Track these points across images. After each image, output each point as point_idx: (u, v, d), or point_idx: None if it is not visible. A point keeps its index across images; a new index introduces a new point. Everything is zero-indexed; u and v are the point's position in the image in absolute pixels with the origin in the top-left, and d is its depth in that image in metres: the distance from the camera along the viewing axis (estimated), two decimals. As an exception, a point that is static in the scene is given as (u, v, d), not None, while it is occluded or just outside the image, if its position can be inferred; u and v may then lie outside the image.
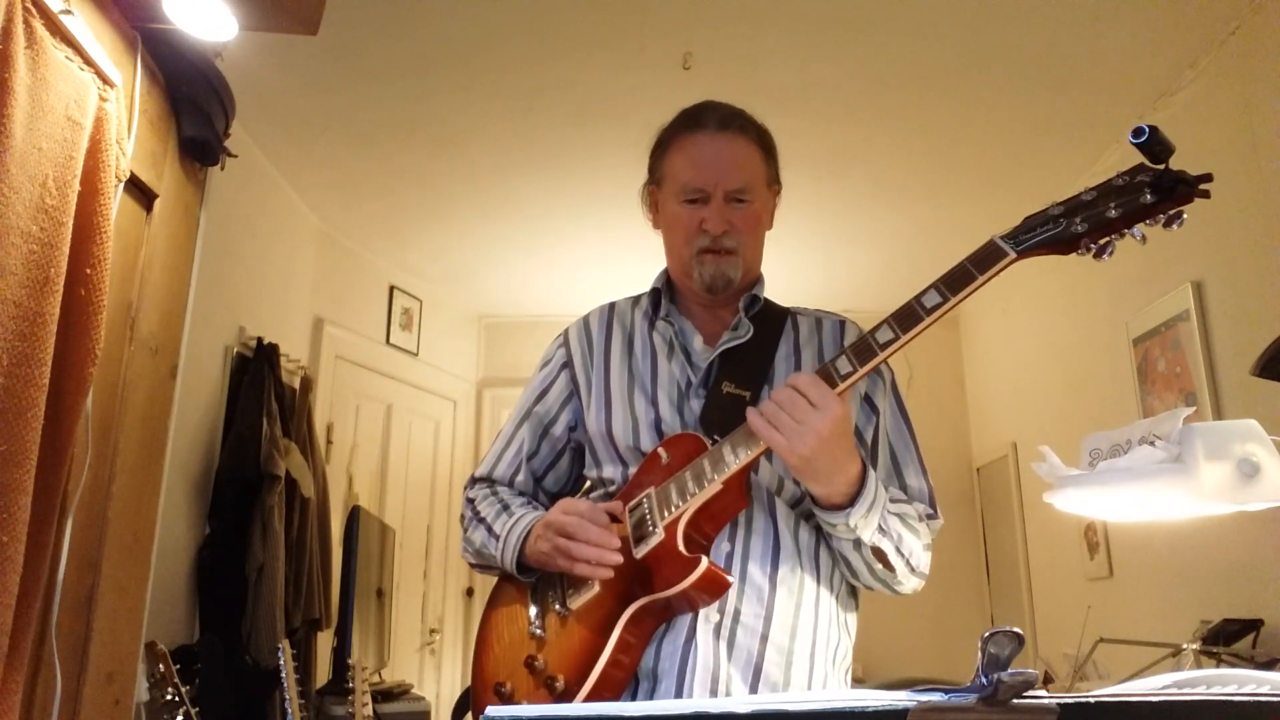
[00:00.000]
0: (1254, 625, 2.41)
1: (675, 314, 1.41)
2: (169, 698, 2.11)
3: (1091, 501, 1.05)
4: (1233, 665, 2.30)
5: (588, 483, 1.43)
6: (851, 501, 1.15)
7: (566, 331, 1.49)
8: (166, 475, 1.91)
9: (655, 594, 1.17)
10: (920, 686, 0.56)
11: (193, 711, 2.14)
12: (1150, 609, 3.06)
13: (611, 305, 1.49)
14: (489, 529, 1.36)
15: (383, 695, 3.08)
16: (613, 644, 1.17)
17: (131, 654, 1.79)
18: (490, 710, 0.55)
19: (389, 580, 3.84)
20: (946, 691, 0.54)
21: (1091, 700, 0.55)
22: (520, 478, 1.44)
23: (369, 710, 2.62)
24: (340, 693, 2.80)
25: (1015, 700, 0.53)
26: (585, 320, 1.49)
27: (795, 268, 4.28)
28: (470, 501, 1.45)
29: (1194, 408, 2.46)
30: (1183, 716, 0.56)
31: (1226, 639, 2.39)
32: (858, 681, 3.97)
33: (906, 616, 4.29)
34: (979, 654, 0.53)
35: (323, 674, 3.36)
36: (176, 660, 2.20)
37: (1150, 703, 0.55)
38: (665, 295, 1.42)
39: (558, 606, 1.26)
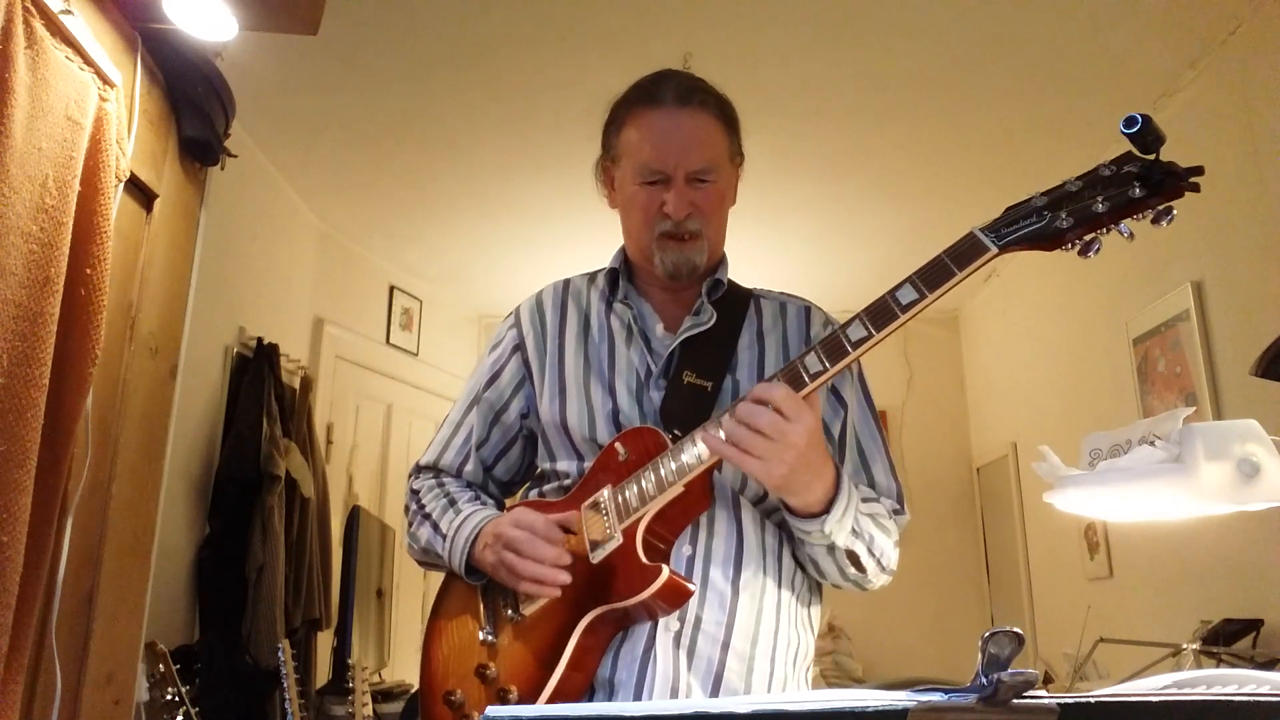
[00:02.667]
0: (1254, 625, 2.41)
1: (634, 295, 1.33)
2: (169, 698, 2.11)
3: (1091, 501, 1.05)
4: (1233, 665, 2.30)
5: (539, 470, 1.35)
6: (827, 508, 1.10)
7: (518, 311, 1.41)
8: (166, 475, 1.91)
9: (613, 603, 1.10)
10: (920, 686, 0.56)
11: (193, 711, 2.14)
12: (1150, 609, 3.06)
13: (566, 282, 1.41)
14: (435, 526, 1.29)
15: (383, 695, 3.08)
16: (568, 654, 1.10)
17: (131, 654, 1.79)
18: (490, 710, 0.55)
19: (389, 580, 3.84)
20: (946, 691, 0.54)
21: (1091, 700, 0.55)
22: (469, 467, 1.36)
23: (369, 710, 2.62)
24: (340, 693, 2.80)
25: (1015, 700, 0.53)
26: (538, 298, 1.41)
27: (795, 267, 4.28)
28: (415, 493, 1.36)
29: (1194, 408, 2.45)
30: (1183, 716, 0.56)
31: (1226, 639, 2.39)
32: (857, 681, 3.97)
33: (906, 616, 4.29)
34: (979, 654, 0.53)
35: (323, 674, 3.36)
36: (176, 660, 2.20)
37: (1150, 703, 0.55)
38: (623, 275, 1.34)
39: (510, 612, 1.20)
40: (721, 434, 1.08)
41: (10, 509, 1.28)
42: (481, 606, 1.24)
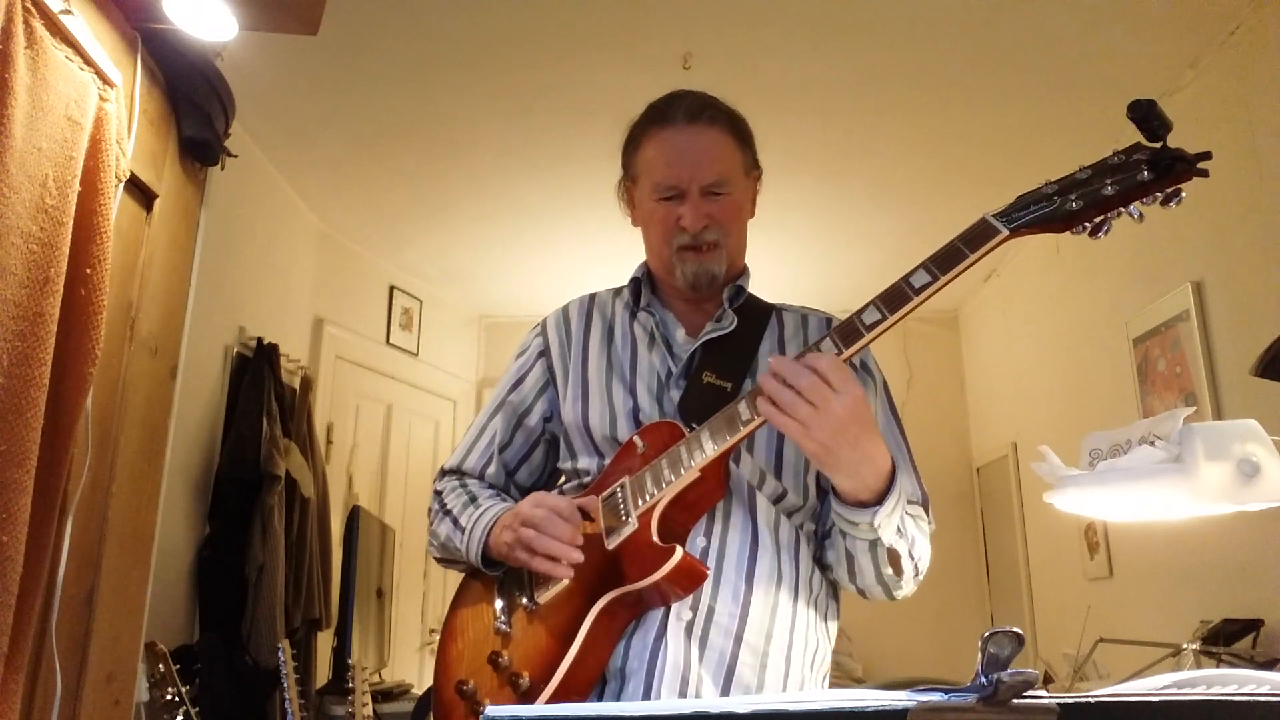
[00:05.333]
0: (1254, 625, 2.41)
1: (657, 305, 1.37)
2: (169, 698, 2.11)
3: (1091, 501, 1.05)
4: (1233, 665, 2.30)
5: (562, 476, 1.38)
6: (880, 499, 1.09)
7: (544, 321, 1.45)
8: (166, 475, 1.91)
9: (627, 586, 1.12)
10: (920, 686, 0.56)
11: (193, 711, 2.14)
12: (1150, 609, 3.06)
13: (591, 296, 1.45)
14: (455, 522, 1.31)
15: (383, 695, 3.08)
16: (580, 640, 1.11)
17: (131, 654, 1.79)
18: (490, 710, 0.55)
19: (389, 580, 3.84)
20: (946, 691, 0.54)
21: (1091, 700, 0.55)
22: (491, 469, 1.39)
23: (369, 710, 2.62)
24: (340, 693, 2.80)
25: (1015, 700, 0.53)
26: (564, 310, 1.44)
27: (795, 268, 4.29)
28: (438, 494, 1.40)
29: (1194, 408, 2.46)
30: (1183, 716, 0.56)
31: (1226, 639, 2.39)
32: (857, 681, 3.97)
33: (906, 616, 4.29)
34: (979, 654, 0.53)
35: (323, 674, 3.36)
36: (176, 660, 2.20)
37: (1150, 703, 0.55)
38: (646, 286, 1.38)
39: (525, 601, 1.21)
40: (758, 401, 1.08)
41: (10, 509, 1.28)
42: (497, 598, 1.26)
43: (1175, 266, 2.86)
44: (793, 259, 4.20)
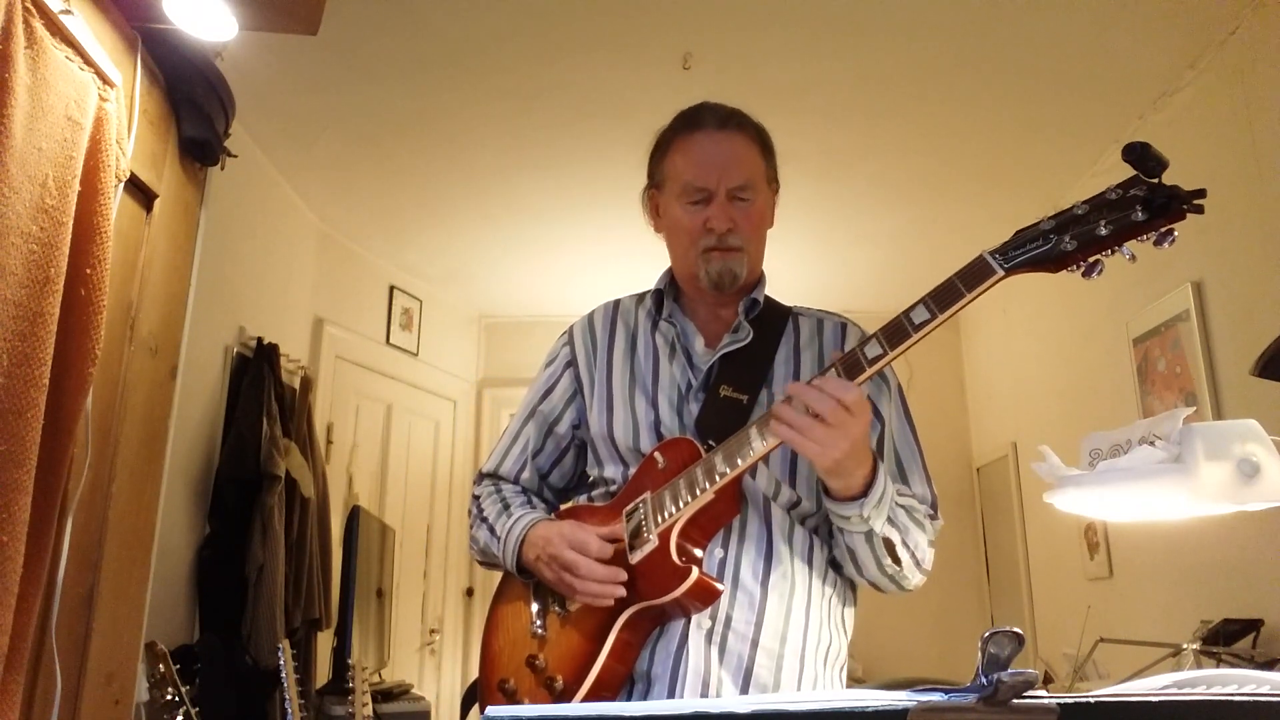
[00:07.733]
0: (1254, 625, 2.41)
1: (678, 315, 1.42)
2: (169, 698, 2.11)
3: (1091, 501, 1.05)
4: (1233, 665, 2.30)
5: (590, 477, 1.45)
6: (865, 492, 1.17)
7: (571, 329, 1.50)
8: (166, 475, 1.91)
9: (649, 601, 1.20)
10: (920, 686, 0.56)
11: (193, 711, 2.14)
12: (1150, 609, 3.06)
13: (616, 303, 1.50)
14: (491, 529, 1.39)
15: (383, 695, 3.08)
16: (609, 647, 1.20)
17: (131, 654, 1.79)
18: (491, 710, 0.55)
19: (389, 580, 3.84)
20: (946, 691, 0.54)
21: (1091, 700, 0.55)
22: (526, 474, 1.46)
23: (369, 710, 2.62)
24: (340, 693, 2.80)
25: (1015, 700, 0.53)
26: (590, 318, 1.50)
27: (795, 268, 4.28)
28: (476, 499, 1.48)
29: (1194, 408, 2.46)
30: (1183, 716, 0.56)
31: (1226, 639, 2.39)
32: (857, 681, 3.97)
33: (906, 616, 4.29)
34: (979, 654, 0.53)
35: (323, 674, 3.36)
36: (176, 660, 2.19)
37: (1150, 703, 0.55)
38: (668, 295, 1.43)
39: (557, 608, 1.29)
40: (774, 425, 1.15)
41: (10, 509, 1.28)
42: (533, 601, 1.34)
43: (1175, 266, 2.86)
44: (793, 258, 4.20)
